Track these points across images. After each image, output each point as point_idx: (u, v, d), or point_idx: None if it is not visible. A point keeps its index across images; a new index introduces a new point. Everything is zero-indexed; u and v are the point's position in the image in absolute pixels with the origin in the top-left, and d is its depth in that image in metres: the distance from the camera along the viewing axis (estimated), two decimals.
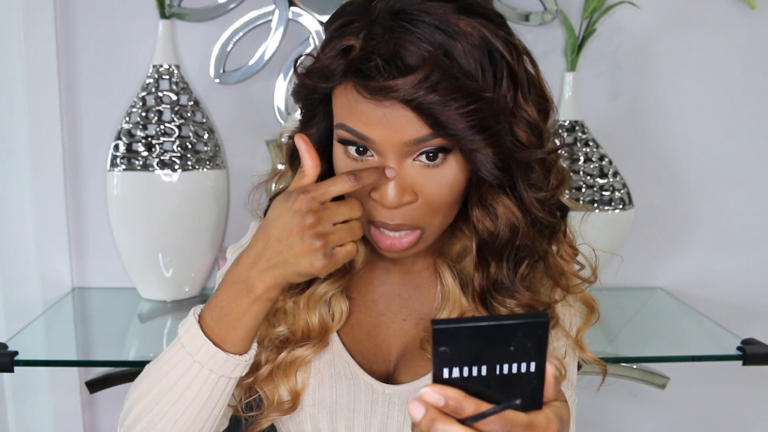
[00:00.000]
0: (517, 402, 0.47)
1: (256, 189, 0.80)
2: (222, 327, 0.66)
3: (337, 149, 0.68)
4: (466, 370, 0.46)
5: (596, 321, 0.77)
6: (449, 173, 0.66)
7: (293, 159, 0.74)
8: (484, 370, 0.46)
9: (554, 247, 0.74)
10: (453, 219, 0.71)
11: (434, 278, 0.79)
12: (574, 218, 0.77)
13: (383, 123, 0.63)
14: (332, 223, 0.63)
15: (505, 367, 0.46)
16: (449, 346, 0.45)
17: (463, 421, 0.46)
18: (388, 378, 0.79)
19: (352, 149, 0.66)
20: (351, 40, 0.63)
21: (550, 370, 0.48)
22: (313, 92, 0.67)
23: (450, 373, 0.46)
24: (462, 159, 0.66)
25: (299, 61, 0.70)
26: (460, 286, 0.75)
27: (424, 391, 0.46)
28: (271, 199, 0.75)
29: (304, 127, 0.73)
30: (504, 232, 0.68)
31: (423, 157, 0.65)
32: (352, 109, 0.64)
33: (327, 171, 0.72)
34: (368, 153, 0.66)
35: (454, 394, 0.46)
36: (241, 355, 0.67)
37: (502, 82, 0.64)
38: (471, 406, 0.46)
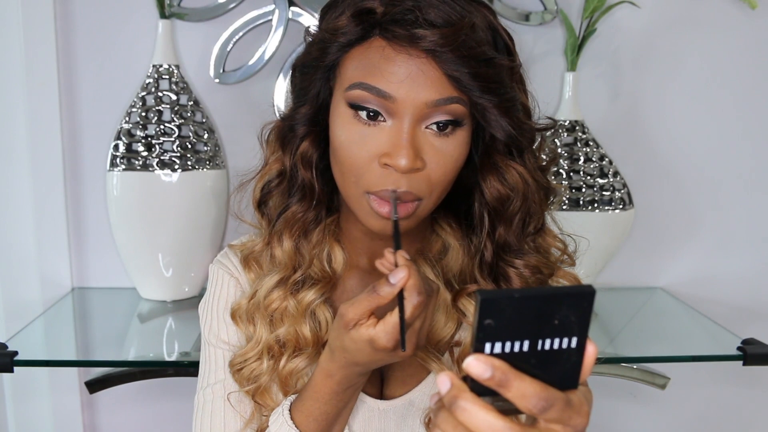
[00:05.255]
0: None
1: (238, 190, 0.81)
2: (323, 425, 0.71)
3: (344, 117, 0.68)
4: (508, 345, 0.43)
5: None
6: (456, 146, 0.68)
7: (285, 144, 0.77)
8: (526, 345, 0.43)
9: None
10: (439, 204, 0.73)
11: None
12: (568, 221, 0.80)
13: (409, 80, 0.64)
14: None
15: (548, 342, 0.44)
16: (495, 318, 0.42)
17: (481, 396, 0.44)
18: (381, 392, 0.79)
19: (363, 114, 0.67)
20: (372, 3, 0.66)
21: (591, 349, 0.45)
22: (324, 55, 0.69)
23: (492, 348, 0.43)
24: (468, 135, 0.69)
25: (309, 27, 0.73)
26: (443, 282, 0.76)
27: (469, 362, 0.42)
28: (259, 204, 0.78)
29: (296, 104, 0.75)
30: (516, 196, 0.72)
31: (434, 127, 0.67)
32: (375, 67, 0.65)
33: (320, 146, 0.74)
34: (380, 117, 0.67)
35: (501, 365, 0.42)
36: None
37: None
38: (516, 380, 0.42)
